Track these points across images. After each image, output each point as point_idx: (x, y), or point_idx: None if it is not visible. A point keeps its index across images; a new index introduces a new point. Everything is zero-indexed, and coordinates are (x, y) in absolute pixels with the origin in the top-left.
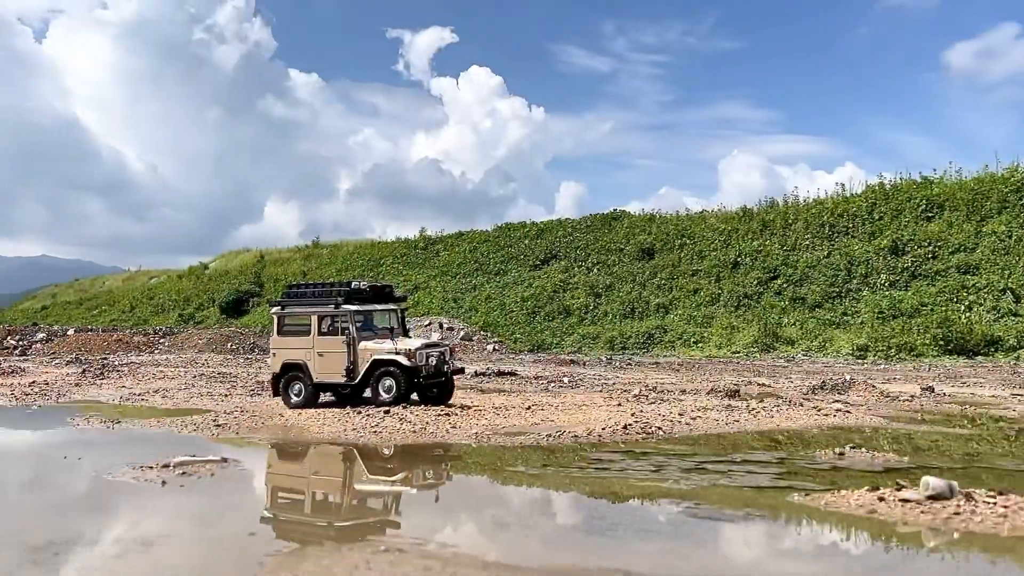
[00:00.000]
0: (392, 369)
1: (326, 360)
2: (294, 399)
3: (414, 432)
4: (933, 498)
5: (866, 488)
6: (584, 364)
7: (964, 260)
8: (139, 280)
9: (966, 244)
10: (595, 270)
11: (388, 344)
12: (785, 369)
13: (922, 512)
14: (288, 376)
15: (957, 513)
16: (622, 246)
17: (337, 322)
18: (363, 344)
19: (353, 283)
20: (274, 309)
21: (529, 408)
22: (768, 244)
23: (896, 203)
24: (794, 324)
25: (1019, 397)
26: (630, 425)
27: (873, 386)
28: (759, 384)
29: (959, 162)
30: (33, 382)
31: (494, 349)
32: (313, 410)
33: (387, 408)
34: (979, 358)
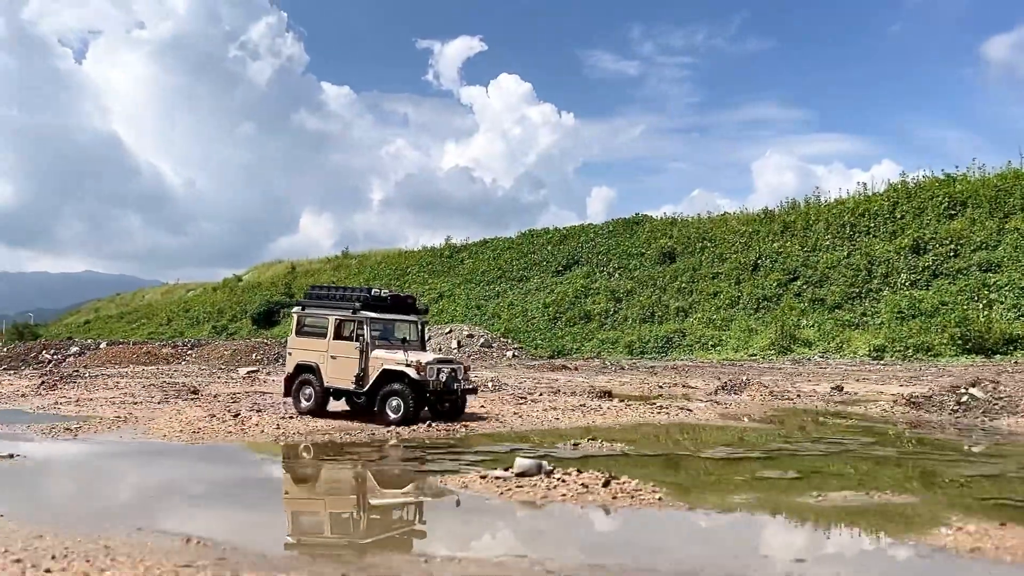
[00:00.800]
0: (399, 387)
1: (338, 364)
2: (304, 404)
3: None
4: (521, 475)
5: (476, 471)
6: (576, 370)
7: (986, 258)
8: (176, 293)
9: (988, 242)
10: (616, 275)
11: (400, 355)
12: (781, 371)
13: (502, 486)
14: (301, 379)
15: (520, 486)
16: (643, 250)
17: (353, 327)
18: (375, 352)
19: (374, 290)
20: (295, 309)
21: None
22: (788, 246)
23: (918, 201)
24: (812, 326)
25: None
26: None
27: (763, 385)
28: (684, 386)
29: (996, 157)
30: None
31: (513, 355)
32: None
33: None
34: (997, 357)
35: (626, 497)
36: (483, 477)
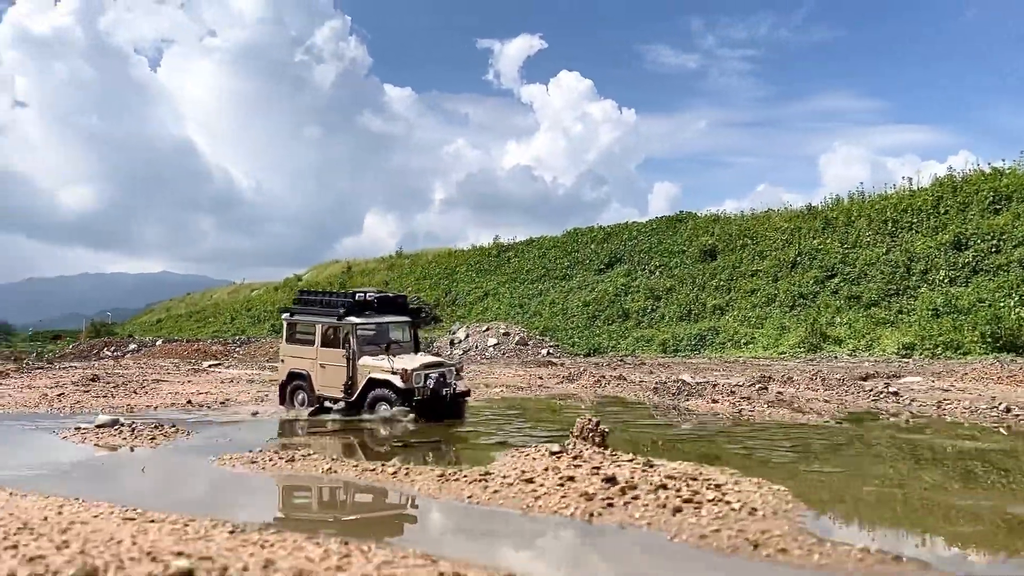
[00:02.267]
0: (386, 392)
1: (327, 373)
2: (297, 408)
3: None
4: (100, 426)
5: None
6: (562, 365)
7: None
8: (241, 293)
9: None
10: (656, 273)
11: (385, 363)
12: (792, 369)
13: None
14: (293, 385)
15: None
16: (685, 248)
17: (339, 334)
18: (363, 360)
19: (358, 294)
20: (284, 315)
21: None
22: (828, 242)
23: (964, 196)
24: (845, 323)
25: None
26: None
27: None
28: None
29: None
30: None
31: (548, 353)
32: None
33: None
34: None
35: None
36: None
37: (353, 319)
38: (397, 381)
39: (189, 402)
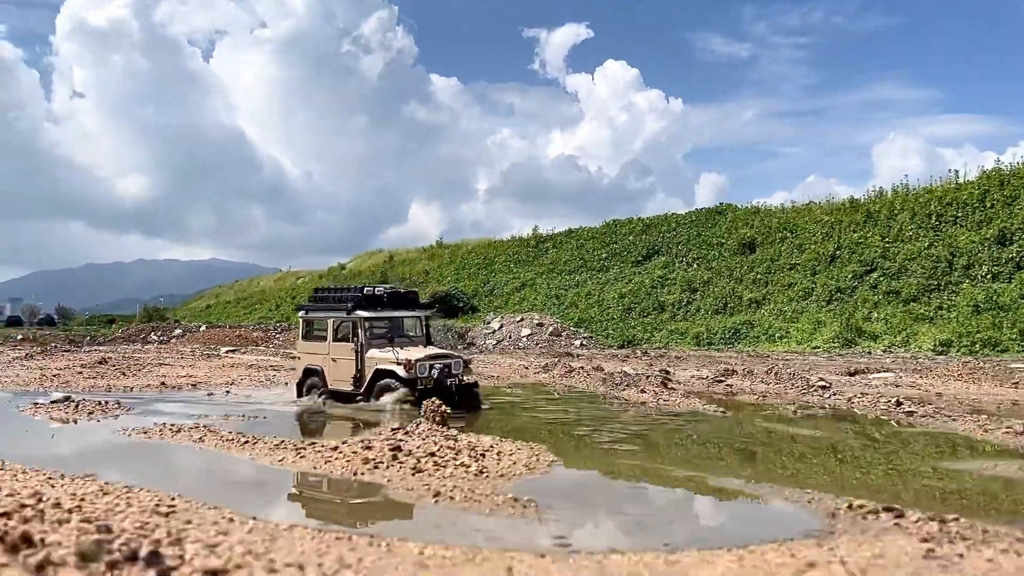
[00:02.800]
0: (391, 382)
1: (339, 367)
2: (316, 399)
3: None
4: (55, 401)
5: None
6: (576, 357)
7: None
8: (288, 280)
9: None
10: (694, 265)
11: (391, 354)
12: (812, 363)
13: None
14: (309, 383)
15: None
16: (724, 240)
17: (349, 328)
18: (370, 352)
19: (366, 288)
20: (299, 313)
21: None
22: (869, 236)
23: (1011, 189)
24: (882, 319)
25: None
26: None
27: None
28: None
29: None
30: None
31: (581, 344)
32: None
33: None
34: None
35: None
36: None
37: (361, 312)
38: (401, 371)
39: (163, 384)
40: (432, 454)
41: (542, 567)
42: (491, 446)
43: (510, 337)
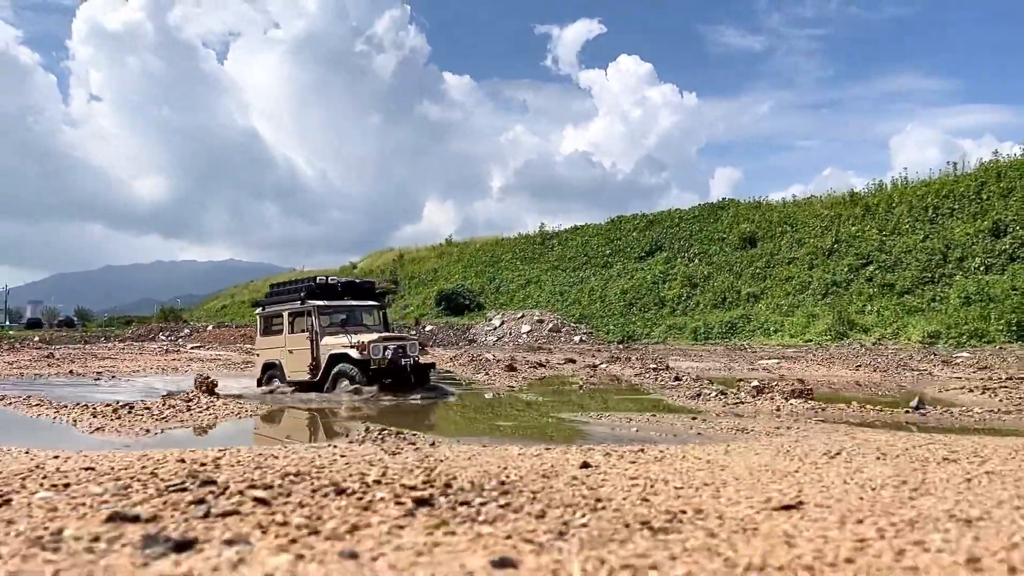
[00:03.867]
0: (345, 367)
1: (296, 357)
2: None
3: None
4: None
5: None
6: (551, 352)
7: None
8: None
9: None
10: (696, 260)
11: (345, 339)
12: (768, 356)
13: None
14: (268, 376)
15: None
16: (725, 235)
17: (303, 319)
18: (324, 340)
19: (319, 278)
20: (257, 310)
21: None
22: (867, 229)
23: (1008, 181)
24: (875, 311)
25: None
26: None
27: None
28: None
29: None
30: None
31: (580, 340)
32: None
33: None
34: None
35: None
36: None
37: (314, 301)
38: (354, 353)
39: (71, 372)
40: (188, 408)
41: None
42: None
43: (510, 333)
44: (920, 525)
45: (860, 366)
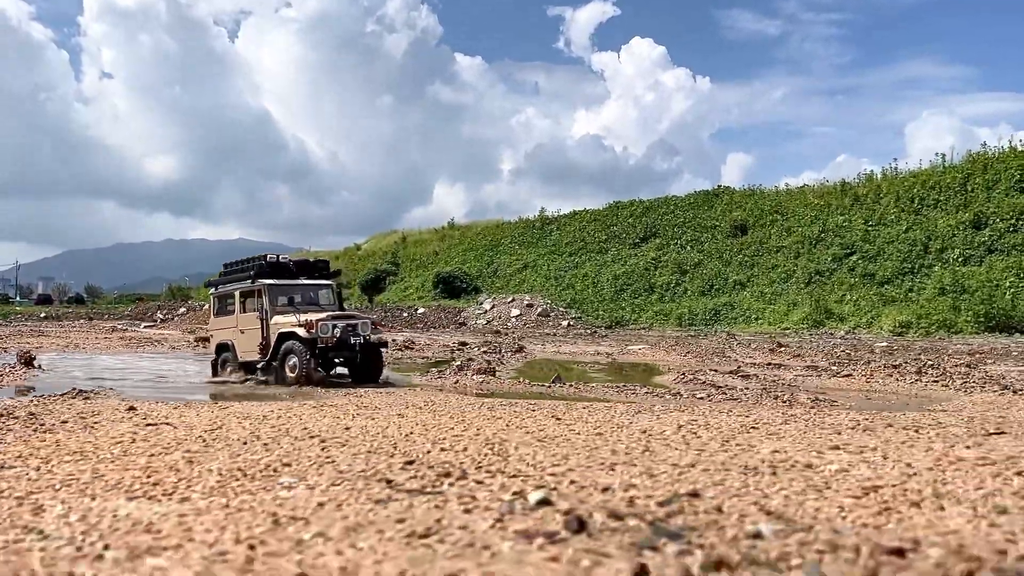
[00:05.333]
0: (293, 345)
1: (247, 337)
2: (227, 374)
3: None
4: None
5: None
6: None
7: None
8: None
9: None
10: (687, 247)
11: (293, 317)
12: (750, 343)
13: None
14: (222, 358)
15: None
16: (717, 223)
17: (255, 298)
18: (274, 319)
19: (270, 256)
20: (211, 291)
21: None
22: (854, 219)
23: (993, 174)
24: (853, 301)
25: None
26: None
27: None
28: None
29: None
30: None
31: (569, 325)
32: None
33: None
34: (1016, 335)
35: None
36: None
37: (264, 280)
38: (302, 332)
39: None
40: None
41: None
42: None
43: (500, 317)
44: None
45: (689, 352)
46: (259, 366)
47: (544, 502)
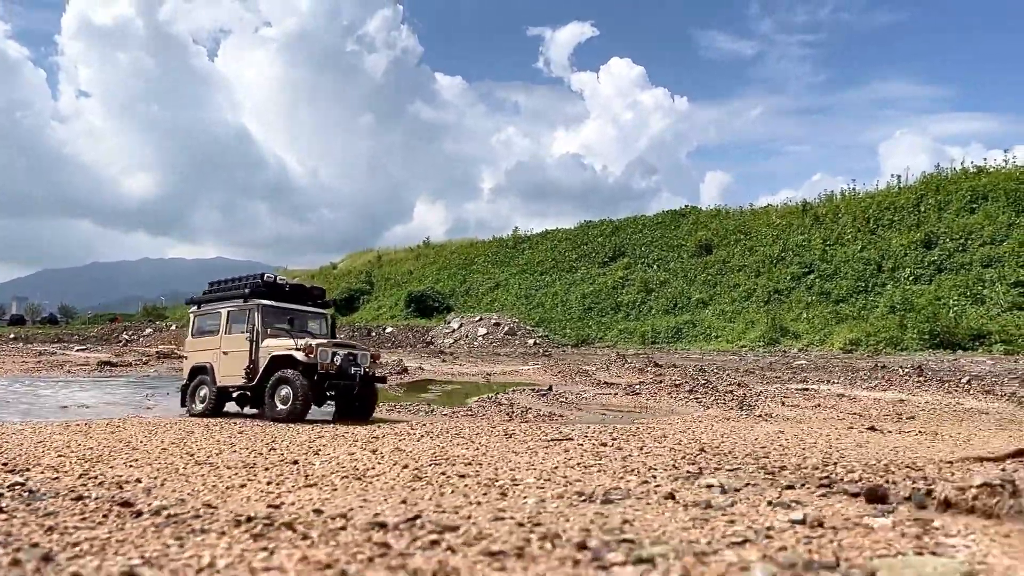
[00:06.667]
0: (287, 373)
1: (230, 360)
2: (197, 406)
3: None
4: None
5: None
6: (456, 357)
7: (989, 253)
8: None
9: (996, 236)
10: (654, 267)
11: (289, 341)
12: (692, 359)
13: None
14: (196, 381)
15: None
16: (683, 242)
17: (245, 318)
18: (266, 342)
19: (267, 275)
20: (191, 309)
21: None
22: (813, 239)
23: (944, 195)
24: (808, 319)
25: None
26: None
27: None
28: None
29: None
30: None
31: (535, 343)
32: None
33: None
34: (959, 352)
35: None
36: None
37: (260, 300)
38: (300, 356)
39: None
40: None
41: None
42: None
43: (467, 336)
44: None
45: (561, 372)
46: (235, 395)
47: None
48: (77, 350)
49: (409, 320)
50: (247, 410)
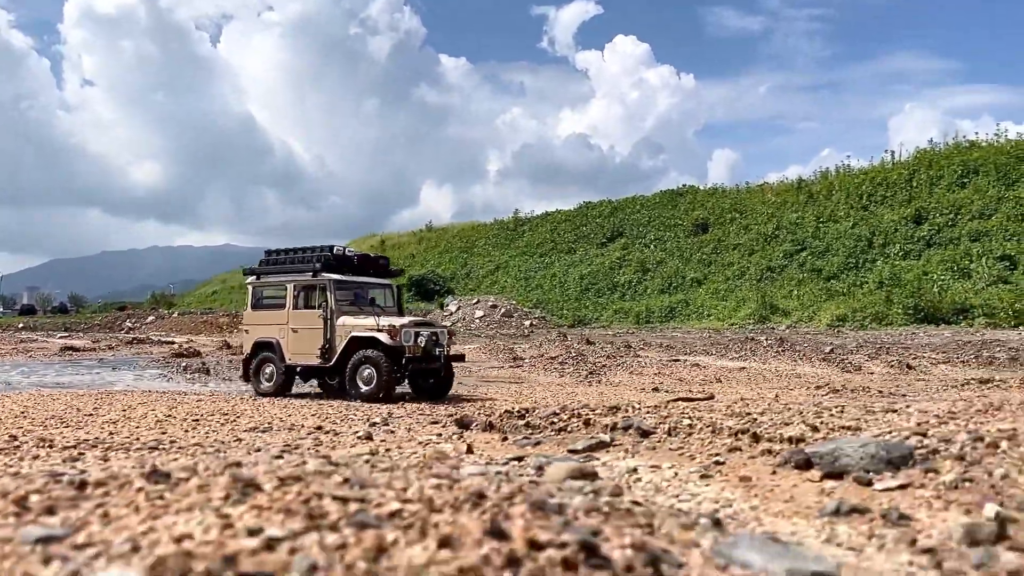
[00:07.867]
0: (371, 353)
1: (300, 338)
2: (264, 385)
3: None
4: None
5: None
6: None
7: (976, 227)
8: None
9: (985, 211)
10: (651, 246)
11: (370, 320)
12: (681, 338)
13: None
14: (260, 358)
15: None
16: (681, 222)
17: (315, 293)
18: (341, 320)
19: (336, 248)
20: (249, 279)
21: None
22: (806, 216)
23: (936, 170)
24: (798, 296)
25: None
26: None
27: None
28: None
29: None
30: None
31: (531, 325)
32: None
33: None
34: (942, 326)
35: None
36: None
37: (331, 275)
38: (384, 338)
39: None
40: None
41: None
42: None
43: (464, 319)
44: None
45: (490, 350)
46: (299, 370)
47: None
48: (59, 337)
49: (410, 304)
50: (307, 387)
